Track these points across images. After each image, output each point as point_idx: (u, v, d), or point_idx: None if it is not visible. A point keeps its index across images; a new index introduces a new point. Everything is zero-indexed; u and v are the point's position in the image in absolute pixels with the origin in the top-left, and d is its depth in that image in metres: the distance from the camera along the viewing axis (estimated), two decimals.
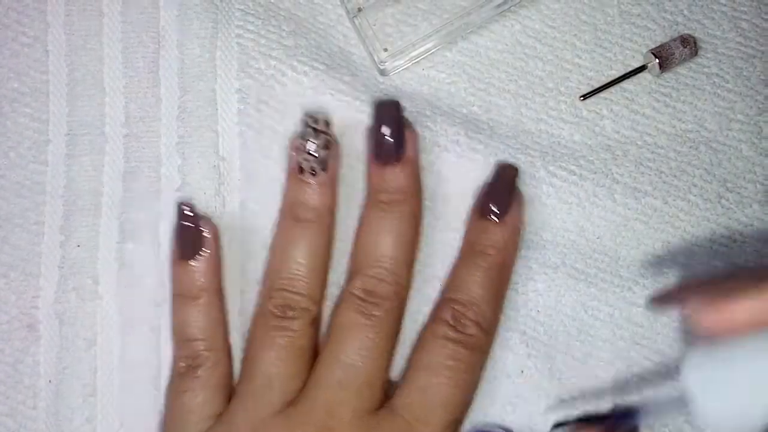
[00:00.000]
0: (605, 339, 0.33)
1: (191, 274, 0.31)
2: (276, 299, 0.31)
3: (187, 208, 0.32)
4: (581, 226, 0.34)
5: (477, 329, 0.30)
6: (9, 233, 0.34)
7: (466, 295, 0.31)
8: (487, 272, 0.31)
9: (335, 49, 0.35)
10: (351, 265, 0.32)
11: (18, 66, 0.35)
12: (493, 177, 0.33)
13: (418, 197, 0.32)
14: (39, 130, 0.35)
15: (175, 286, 0.32)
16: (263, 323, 0.31)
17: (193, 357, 0.31)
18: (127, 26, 0.35)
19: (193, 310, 0.31)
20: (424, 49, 0.35)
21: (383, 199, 0.31)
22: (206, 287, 0.31)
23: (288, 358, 0.30)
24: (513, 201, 0.32)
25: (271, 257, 0.32)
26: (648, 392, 0.30)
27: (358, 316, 0.30)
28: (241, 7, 0.35)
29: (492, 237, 0.31)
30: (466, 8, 0.35)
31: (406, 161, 0.32)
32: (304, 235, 0.31)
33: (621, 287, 0.33)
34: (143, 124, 0.35)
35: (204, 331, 0.31)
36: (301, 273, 0.31)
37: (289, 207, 0.32)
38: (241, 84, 0.35)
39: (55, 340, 0.33)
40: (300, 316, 0.31)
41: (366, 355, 0.30)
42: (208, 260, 0.32)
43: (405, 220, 0.31)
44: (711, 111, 0.36)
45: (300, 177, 0.32)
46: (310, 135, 0.31)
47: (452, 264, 0.33)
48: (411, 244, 0.32)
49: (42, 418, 0.33)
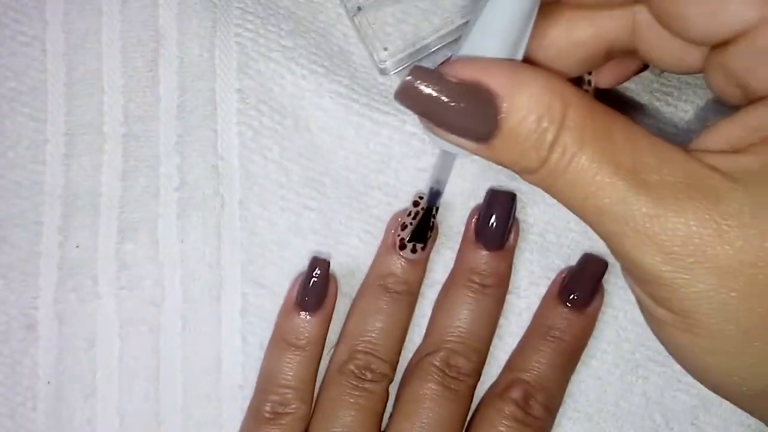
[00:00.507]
0: (610, 341, 0.33)
1: (304, 324, 0.32)
2: (359, 361, 0.31)
3: (323, 264, 0.32)
4: (585, 227, 0.33)
5: (545, 412, 0.31)
6: (8, 233, 0.34)
7: (537, 377, 0.31)
8: (560, 358, 0.31)
9: (335, 49, 0.35)
10: (430, 338, 0.32)
11: (16, 65, 0.35)
12: (581, 265, 0.33)
13: (507, 285, 0.33)
14: (37, 129, 0.34)
15: (282, 331, 0.32)
16: (342, 382, 0.31)
17: (283, 404, 0.31)
18: (126, 25, 0.35)
19: (295, 359, 0.32)
20: (425, 48, 0.34)
21: (477, 280, 0.32)
22: (315, 340, 0.32)
23: (366, 420, 0.31)
24: (597, 293, 0.32)
25: (354, 320, 0.33)
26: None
27: (439, 388, 0.31)
28: (240, 6, 0.35)
29: (571, 326, 0.32)
30: (466, 8, 0.34)
31: (508, 250, 0.32)
32: (392, 305, 0.32)
33: (625, 289, 0.33)
34: (142, 124, 0.35)
35: (300, 382, 0.32)
36: (385, 341, 0.32)
37: (379, 276, 0.33)
38: (240, 83, 0.35)
39: (55, 341, 0.33)
40: (380, 380, 0.31)
41: (446, 428, 0.30)
42: (325, 315, 0.32)
43: (494, 304, 0.32)
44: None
45: (398, 252, 0.32)
46: (420, 216, 0.32)
47: (521, 340, 0.33)
48: (494, 326, 0.32)
49: (41, 418, 0.33)
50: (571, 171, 0.21)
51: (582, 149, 0.21)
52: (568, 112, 0.21)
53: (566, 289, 0.32)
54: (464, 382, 0.31)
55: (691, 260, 0.20)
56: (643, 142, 0.21)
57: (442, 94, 0.21)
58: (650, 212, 0.20)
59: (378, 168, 0.34)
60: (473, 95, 0.21)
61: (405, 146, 0.34)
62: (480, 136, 0.22)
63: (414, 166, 0.34)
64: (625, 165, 0.21)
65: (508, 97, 0.21)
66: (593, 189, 0.21)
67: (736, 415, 0.32)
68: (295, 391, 0.31)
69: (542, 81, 0.21)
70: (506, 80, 0.21)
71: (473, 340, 0.31)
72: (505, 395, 0.31)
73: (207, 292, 0.33)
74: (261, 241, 0.34)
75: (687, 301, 0.21)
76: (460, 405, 0.31)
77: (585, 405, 0.33)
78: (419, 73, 0.21)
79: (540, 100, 0.21)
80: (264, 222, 0.34)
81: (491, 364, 0.33)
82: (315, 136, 0.34)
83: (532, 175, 0.22)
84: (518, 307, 0.33)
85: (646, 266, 0.21)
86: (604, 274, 0.32)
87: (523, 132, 0.21)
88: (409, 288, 0.32)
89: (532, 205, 0.34)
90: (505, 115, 0.21)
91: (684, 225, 0.20)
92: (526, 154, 0.21)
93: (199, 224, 0.34)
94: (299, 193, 0.34)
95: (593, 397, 0.33)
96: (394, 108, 0.34)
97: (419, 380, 0.31)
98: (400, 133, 0.34)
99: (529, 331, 0.33)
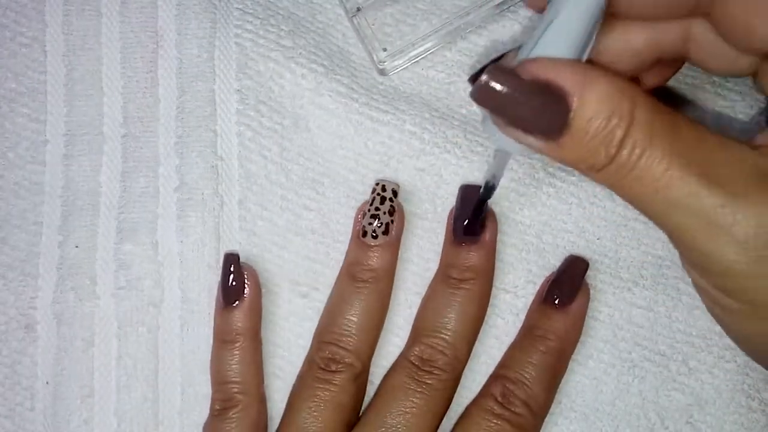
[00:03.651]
0: (606, 340, 0.33)
1: (229, 319, 0.32)
2: (323, 352, 0.32)
3: (232, 258, 0.32)
4: (581, 227, 0.34)
5: (525, 409, 0.30)
6: (7, 234, 0.34)
7: (518, 373, 0.31)
8: (544, 356, 0.31)
9: (334, 49, 0.35)
10: (411, 333, 0.33)
11: (16, 66, 0.35)
12: (563, 266, 0.33)
13: (489, 279, 0.33)
14: (37, 130, 0.34)
15: (216, 331, 0.33)
16: (308, 374, 0.32)
17: (226, 399, 0.32)
18: (125, 26, 0.35)
19: (228, 354, 0.32)
20: (424, 48, 0.35)
21: (454, 275, 0.32)
22: (242, 332, 0.32)
23: (325, 411, 0.31)
24: (579, 292, 0.32)
25: (325, 313, 0.33)
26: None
27: (409, 381, 0.31)
28: (240, 7, 0.35)
29: (554, 324, 0.32)
30: (465, 8, 0.34)
31: (482, 244, 0.32)
32: (360, 294, 0.32)
33: (621, 288, 0.33)
34: (141, 125, 0.35)
35: (239, 374, 0.32)
36: (351, 330, 0.32)
37: (348, 266, 0.33)
38: (239, 84, 0.35)
39: (53, 341, 0.33)
40: (344, 370, 0.31)
41: (410, 420, 0.30)
42: (245, 307, 0.32)
43: (472, 299, 0.32)
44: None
45: (362, 240, 0.32)
46: (377, 201, 0.32)
47: (511, 344, 0.33)
48: (474, 322, 0.32)
49: (40, 419, 0.33)
50: (641, 166, 0.22)
51: (652, 145, 0.22)
52: (637, 110, 0.22)
53: (550, 289, 0.32)
54: (437, 377, 0.31)
55: (765, 252, 0.21)
56: (710, 138, 0.22)
57: (516, 92, 0.22)
58: (723, 205, 0.21)
59: (377, 168, 0.34)
60: (546, 93, 0.22)
61: (404, 145, 0.34)
62: (550, 133, 0.23)
63: (413, 165, 0.34)
64: (695, 160, 0.22)
65: (579, 96, 0.22)
66: (664, 183, 0.22)
67: (730, 412, 0.32)
68: (236, 385, 0.32)
69: (611, 81, 0.22)
70: (577, 79, 0.22)
71: (449, 335, 0.31)
72: (486, 392, 0.31)
73: (206, 293, 0.34)
74: (260, 241, 0.34)
75: (760, 290, 0.21)
76: (435, 399, 0.31)
77: (581, 404, 0.33)
78: (495, 71, 0.22)
79: (610, 99, 0.22)
80: (263, 222, 0.34)
81: (488, 364, 0.33)
82: (314, 135, 0.34)
83: (598, 173, 0.23)
84: (515, 307, 0.33)
85: (718, 258, 0.22)
86: (585, 272, 0.32)
87: (592, 129, 0.22)
88: (377, 275, 0.32)
89: (529, 207, 0.34)
90: (576, 113, 0.22)
91: (757, 217, 0.21)
92: (595, 151, 0.22)
93: (199, 225, 0.34)
94: (298, 193, 0.34)
95: (589, 396, 0.33)
96: (394, 107, 0.34)
97: (394, 374, 0.32)
98: (399, 132, 0.34)
99: (519, 333, 0.33)
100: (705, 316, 0.33)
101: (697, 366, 0.33)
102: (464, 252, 0.32)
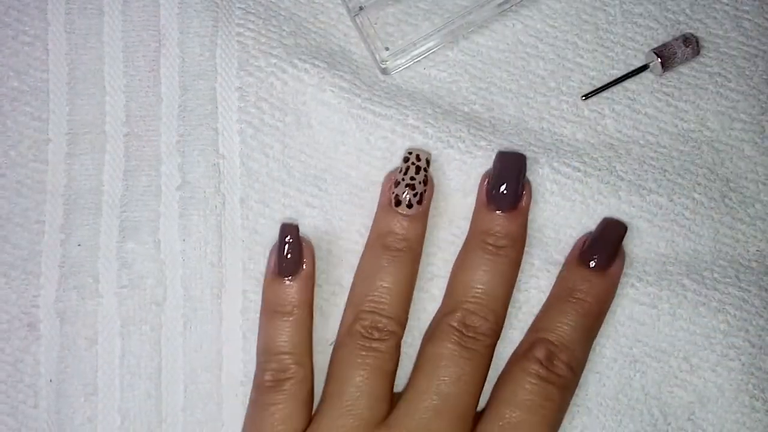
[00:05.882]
0: (607, 336, 0.33)
1: (287, 290, 0.32)
2: (365, 321, 0.31)
3: (291, 228, 0.32)
4: (585, 224, 0.34)
5: (568, 371, 0.31)
6: (9, 232, 0.34)
7: (560, 336, 0.31)
8: (583, 319, 0.32)
9: (336, 48, 0.35)
10: (447, 299, 0.33)
11: (18, 64, 0.35)
12: (600, 229, 0.33)
13: (523, 246, 0.33)
14: (39, 128, 0.34)
15: (268, 302, 0.33)
16: (351, 343, 0.31)
17: (282, 370, 0.31)
18: (127, 25, 0.35)
19: (285, 325, 0.32)
20: (426, 48, 0.35)
21: (491, 242, 0.32)
22: (300, 304, 0.32)
23: (376, 378, 0.31)
24: (618, 256, 0.33)
25: (359, 282, 0.33)
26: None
27: (456, 348, 0.31)
28: (242, 6, 0.35)
29: (593, 288, 0.32)
30: (467, 7, 0.35)
31: (520, 211, 0.33)
32: (394, 263, 0.32)
33: (623, 284, 0.33)
34: (144, 123, 0.35)
35: (295, 347, 0.32)
36: (390, 298, 0.32)
37: (379, 236, 0.33)
38: (241, 82, 0.35)
39: (56, 339, 0.33)
40: (388, 338, 0.31)
41: (463, 387, 0.30)
42: (305, 278, 0.32)
43: (509, 265, 0.32)
44: (713, 110, 0.35)
45: (395, 209, 0.32)
46: (412, 171, 0.32)
47: (544, 304, 0.33)
48: (510, 287, 0.33)
49: (43, 417, 0.32)
50: None
51: None
52: None
53: (587, 252, 0.32)
54: (481, 342, 0.31)
55: None
56: None
57: None
58: None
59: (379, 164, 0.34)
60: None
61: (407, 140, 0.34)
62: None
63: None
64: None
65: None
66: None
67: (732, 411, 0.32)
68: (291, 356, 0.31)
69: None
70: None
71: (489, 300, 0.31)
72: (529, 354, 0.31)
73: (208, 291, 0.34)
74: (262, 239, 0.34)
75: None
76: (478, 364, 0.31)
77: (584, 398, 0.33)
78: None
79: None
80: (265, 220, 0.34)
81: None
82: (316, 132, 0.34)
83: None
84: (518, 301, 0.33)
85: None
86: (623, 236, 0.32)
87: None
88: (410, 244, 0.32)
89: (532, 202, 0.34)
90: None
91: None
92: None
93: (201, 223, 0.34)
94: (300, 191, 0.34)
95: (592, 390, 0.33)
96: (396, 102, 0.34)
97: (437, 340, 0.31)
98: (402, 127, 0.34)
99: (552, 294, 0.33)
100: (709, 314, 0.33)
101: (699, 363, 0.33)
102: (501, 219, 0.32)
